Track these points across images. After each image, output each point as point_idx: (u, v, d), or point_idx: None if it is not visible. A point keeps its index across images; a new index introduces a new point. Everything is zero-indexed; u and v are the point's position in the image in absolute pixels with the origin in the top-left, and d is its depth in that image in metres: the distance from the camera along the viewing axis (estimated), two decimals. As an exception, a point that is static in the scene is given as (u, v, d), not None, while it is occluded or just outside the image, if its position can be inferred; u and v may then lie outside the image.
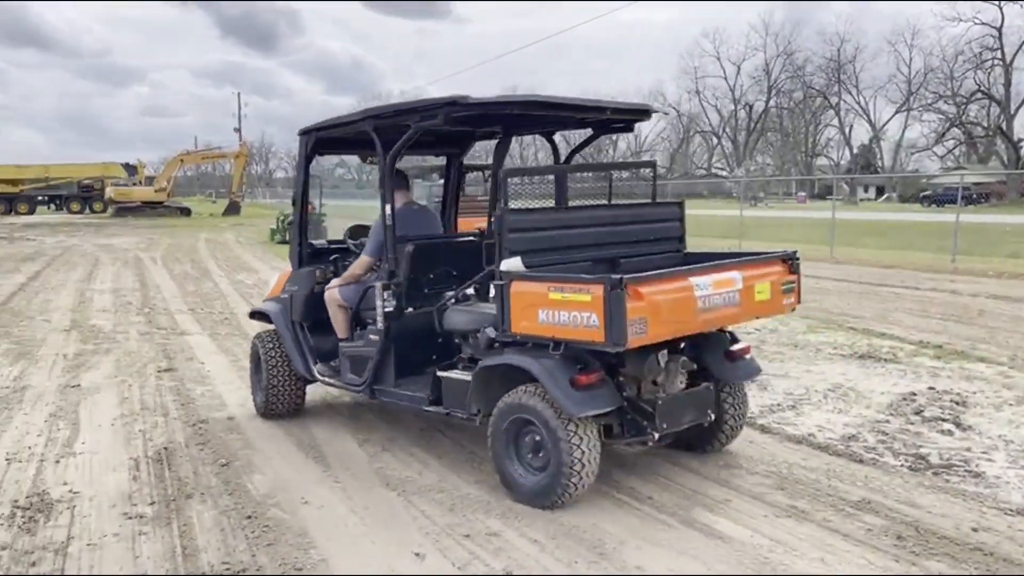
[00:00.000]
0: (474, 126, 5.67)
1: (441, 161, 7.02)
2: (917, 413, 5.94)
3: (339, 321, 5.55)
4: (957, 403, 6.18)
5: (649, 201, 5.28)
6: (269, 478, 4.82)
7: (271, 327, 6.03)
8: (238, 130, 67.14)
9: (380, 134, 4.99)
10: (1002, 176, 53.31)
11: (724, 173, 78.65)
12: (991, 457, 5.03)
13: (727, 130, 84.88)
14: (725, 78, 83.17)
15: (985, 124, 62.49)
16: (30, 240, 27.22)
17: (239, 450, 5.33)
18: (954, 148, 67.07)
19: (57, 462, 5.12)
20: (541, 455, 4.29)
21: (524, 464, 4.39)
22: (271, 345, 5.90)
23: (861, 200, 65.52)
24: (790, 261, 4.81)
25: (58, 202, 51.70)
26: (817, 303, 11.56)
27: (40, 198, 51.57)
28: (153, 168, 61.85)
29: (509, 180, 4.59)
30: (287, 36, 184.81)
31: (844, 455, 5.09)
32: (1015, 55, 58.02)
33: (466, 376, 4.65)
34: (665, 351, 4.45)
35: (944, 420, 5.76)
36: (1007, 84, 58.89)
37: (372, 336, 5.18)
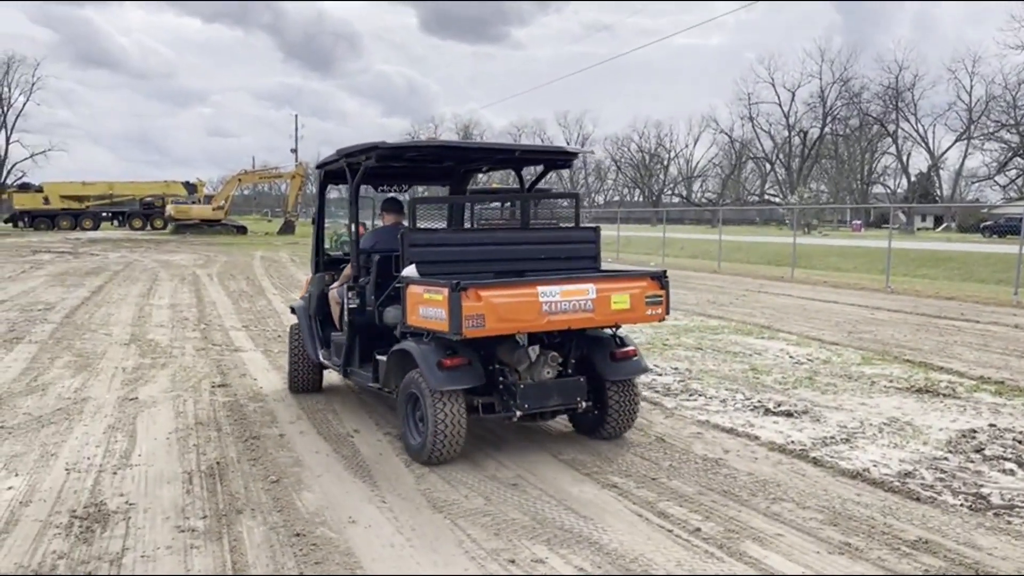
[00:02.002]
0: (430, 162, 6.83)
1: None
2: (977, 451, 5.76)
3: (336, 316, 6.75)
4: (1020, 442, 5.97)
5: (566, 226, 6.16)
6: (318, 496, 4.87)
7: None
8: (295, 151, 68.65)
9: (352, 169, 6.16)
10: (1068, 207, 51.58)
11: (777, 200, 77.59)
12: (1056, 499, 4.84)
13: (780, 156, 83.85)
14: (779, 104, 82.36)
15: (1049, 153, 60.70)
16: (94, 255, 28.09)
17: (289, 467, 5.41)
18: (1016, 178, 65.22)
19: (114, 473, 5.25)
20: (424, 422, 5.30)
21: (416, 429, 5.47)
22: (295, 335, 7.29)
23: (919, 229, 64.02)
24: (658, 279, 5.61)
25: (121, 218, 53.33)
26: (872, 334, 11.32)
27: (104, 214, 53.31)
28: (212, 187, 63.53)
29: (418, 206, 5.89)
30: (345, 59, 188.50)
31: (900, 492, 4.96)
32: (1082, 83, 56.36)
33: (385, 358, 5.77)
34: (536, 346, 5.45)
35: (1006, 459, 5.57)
36: (1074, 112, 57.18)
37: (344, 327, 6.35)
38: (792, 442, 6.00)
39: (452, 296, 4.83)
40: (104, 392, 7.52)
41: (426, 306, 5.13)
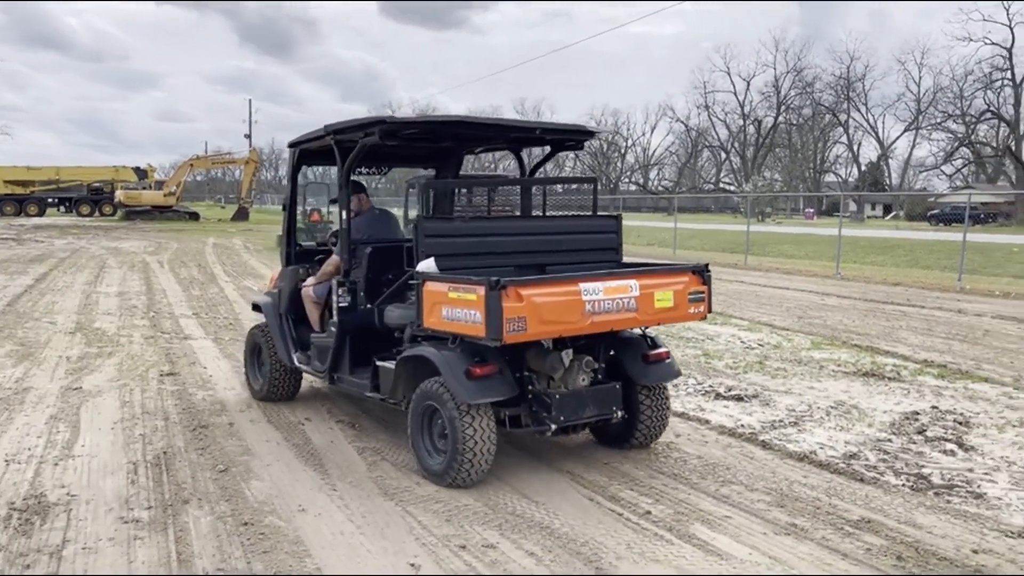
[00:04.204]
0: (427, 141, 5.98)
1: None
2: (920, 432, 5.90)
3: (312, 315, 6.15)
4: (960, 423, 6.14)
5: (585, 214, 5.59)
6: (267, 485, 4.81)
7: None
8: (248, 136, 67.48)
9: (341, 147, 5.46)
10: (1010, 196, 53.11)
11: (732, 188, 78.57)
12: (993, 478, 4.99)
13: (736, 145, 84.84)
14: (735, 93, 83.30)
15: (994, 144, 62.35)
16: (39, 242, 27.33)
17: (238, 456, 5.32)
18: (962, 167, 66.89)
19: (56, 465, 5.12)
20: (446, 439, 4.67)
21: (433, 446, 4.84)
22: (263, 335, 6.51)
23: (868, 217, 65.36)
24: (700, 273, 5.11)
25: (68, 204, 51.91)
26: (822, 320, 11.53)
27: (50, 200, 51.83)
28: (164, 172, 62.22)
29: (433, 190, 5.22)
30: (303, 43, 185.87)
31: (845, 473, 5.06)
32: (1025, 75, 57.90)
33: (392, 365, 5.14)
34: (570, 350, 4.83)
35: (947, 440, 5.72)
36: (1016, 104, 58.77)
37: (332, 328, 5.67)
38: (742, 426, 6.08)
39: (491, 296, 4.20)
40: (47, 382, 7.32)
41: (452, 307, 4.49)
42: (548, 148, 6.25)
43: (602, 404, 4.99)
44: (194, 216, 46.96)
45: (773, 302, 13.61)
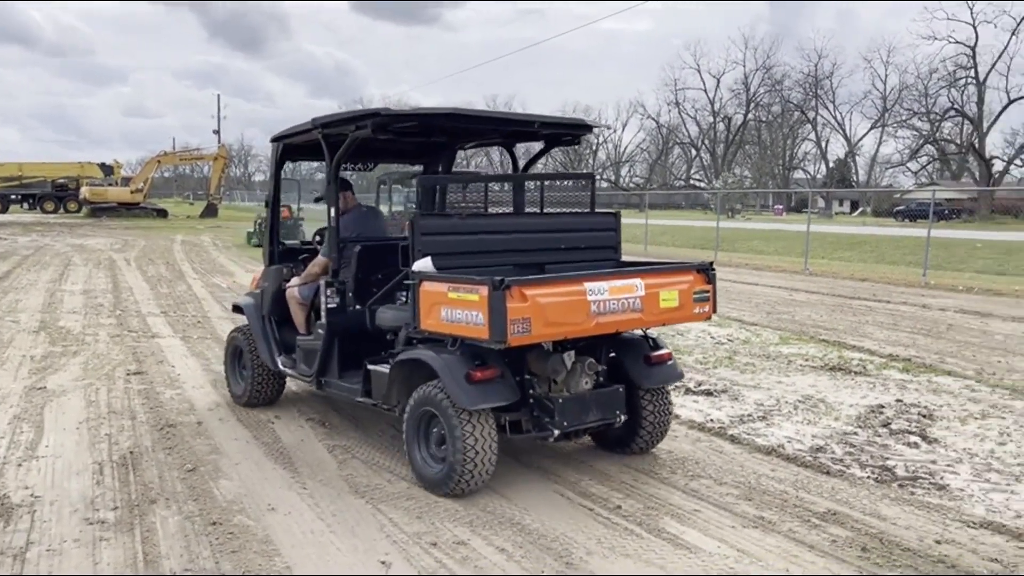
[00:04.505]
0: (419, 136, 5.68)
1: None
2: (885, 425, 6.00)
3: (298, 317, 5.93)
4: (924, 416, 6.25)
5: (583, 211, 5.44)
6: (236, 484, 4.76)
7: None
8: (217, 132, 66.71)
9: (329, 141, 5.24)
10: (973, 193, 54.08)
11: (702, 184, 79.15)
12: (955, 470, 5.09)
13: (706, 142, 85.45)
14: (705, 90, 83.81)
15: (958, 141, 63.36)
16: (1, 239, 26.80)
17: (206, 455, 5.27)
18: (927, 164, 67.90)
19: (19, 466, 5.03)
20: (444, 447, 4.50)
21: (430, 454, 4.66)
22: (246, 337, 6.26)
23: (836, 214, 66.19)
24: (705, 271, 4.95)
25: (32, 201, 50.89)
26: (790, 315, 11.66)
27: (13, 197, 50.76)
28: (131, 169, 61.28)
29: (428, 187, 4.97)
30: (274, 39, 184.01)
31: (812, 466, 5.13)
32: (988, 74, 58.98)
33: (386, 369, 4.93)
34: (572, 352, 4.66)
35: (911, 433, 5.82)
36: (979, 102, 59.80)
37: (320, 331, 5.44)
38: (711, 420, 6.14)
39: (494, 296, 4.03)
40: (10, 382, 7.19)
41: (452, 308, 4.29)
42: (542, 144, 5.98)
43: (605, 408, 4.83)
44: (162, 213, 46.32)
45: (743, 298, 13.75)
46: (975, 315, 11.79)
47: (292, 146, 5.96)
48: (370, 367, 5.10)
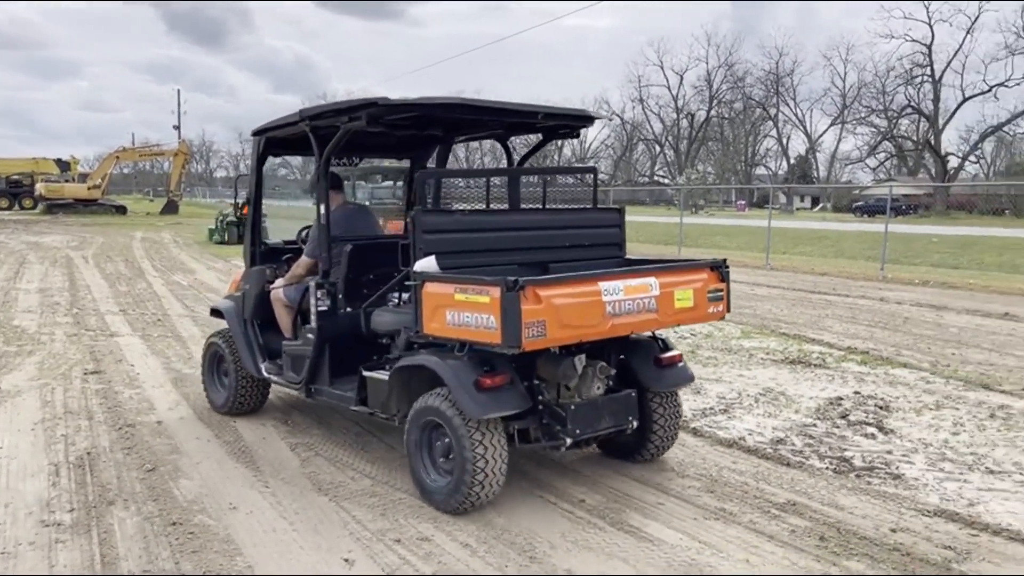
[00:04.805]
0: (412, 128, 5.51)
1: (386, 163, 7.11)
2: (843, 417, 6.11)
3: (283, 320, 5.61)
4: (880, 407, 6.37)
5: (587, 207, 5.27)
6: (196, 483, 4.71)
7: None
8: (177, 127, 65.72)
9: (318, 135, 5.00)
10: (929, 189, 55.23)
11: (666, 180, 79.79)
12: (911, 460, 5.20)
13: (670, 139, 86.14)
14: (668, 87, 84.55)
15: (914, 138, 64.66)
16: (-47, 237, 26.13)
17: (166, 455, 5.20)
18: (885, 161, 69.24)
19: (-28, 468, 4.92)
20: (450, 458, 4.25)
21: (435, 467, 4.39)
22: (227, 342, 5.96)
23: (797, 209, 67.13)
24: (718, 269, 4.77)
25: (-15, 198, 49.69)
26: (752, 309, 11.81)
27: (-35, 193, 49.52)
28: (88, 164, 60.10)
29: (430, 182, 4.66)
30: (235, 33, 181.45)
31: (772, 458, 5.20)
32: (943, 72, 60.31)
33: (385, 376, 4.67)
34: (583, 355, 4.42)
35: (868, 424, 5.93)
36: (935, 100, 61.07)
37: (309, 335, 5.15)
38: (674, 414, 6.19)
39: (507, 298, 3.77)
40: (-38, 382, 7.02)
41: (459, 310, 4.01)
42: (533, 139, 5.78)
43: (617, 414, 4.60)
44: (121, 210, 45.49)
45: (705, 292, 13.87)
46: (930, 308, 12.05)
47: (276, 140, 5.71)
48: (366, 374, 4.82)
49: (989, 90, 57.75)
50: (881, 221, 23.75)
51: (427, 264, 4.28)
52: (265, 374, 5.65)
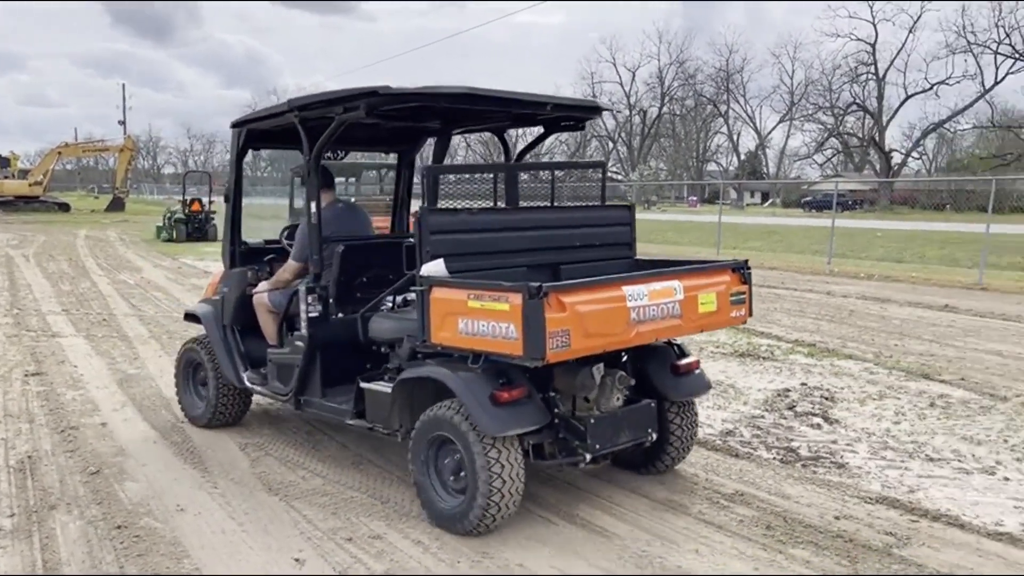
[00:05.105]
0: (407, 120, 5.19)
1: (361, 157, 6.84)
2: (790, 408, 6.23)
3: (268, 327, 5.26)
4: (826, 398, 6.52)
5: (596, 204, 5.03)
6: (143, 486, 4.62)
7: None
8: (123, 122, 64.21)
9: (307, 127, 4.67)
10: (874, 184, 56.61)
11: (619, 177, 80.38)
12: (854, 449, 5.33)
13: (623, 135, 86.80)
14: (621, 84, 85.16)
15: (860, 135, 66.14)
16: None
17: (111, 457, 5.09)
18: (832, 157, 70.64)
19: (-95, 474, 4.76)
20: (462, 476, 3.96)
21: (444, 486, 4.07)
22: (204, 348, 5.57)
23: (748, 205, 68.24)
24: (740, 270, 4.52)
25: (-81, 195, 47.94)
26: (703, 304, 11.97)
27: (-102, 191, 47.72)
28: (30, 160, 58.38)
29: (439, 178, 4.28)
30: (183, 28, 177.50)
31: (721, 449, 5.29)
32: (887, 70, 61.76)
33: (386, 388, 4.33)
34: (601, 365, 4.13)
35: (814, 415, 6.07)
36: (880, 97, 62.53)
37: (298, 343, 4.81)
38: (626, 408, 6.25)
39: (530, 305, 3.46)
40: None
41: (474, 319, 3.69)
42: (541, 131, 5.45)
43: (637, 427, 4.32)
44: (64, 207, 44.33)
45: (658, 287, 14.02)
46: (875, 301, 12.36)
47: (257, 132, 5.30)
48: (365, 385, 4.48)
49: (931, 88, 59.33)
50: (828, 216, 24.28)
51: (435, 268, 3.94)
52: (247, 384, 5.27)
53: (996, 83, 54.09)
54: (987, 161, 52.69)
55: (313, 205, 4.68)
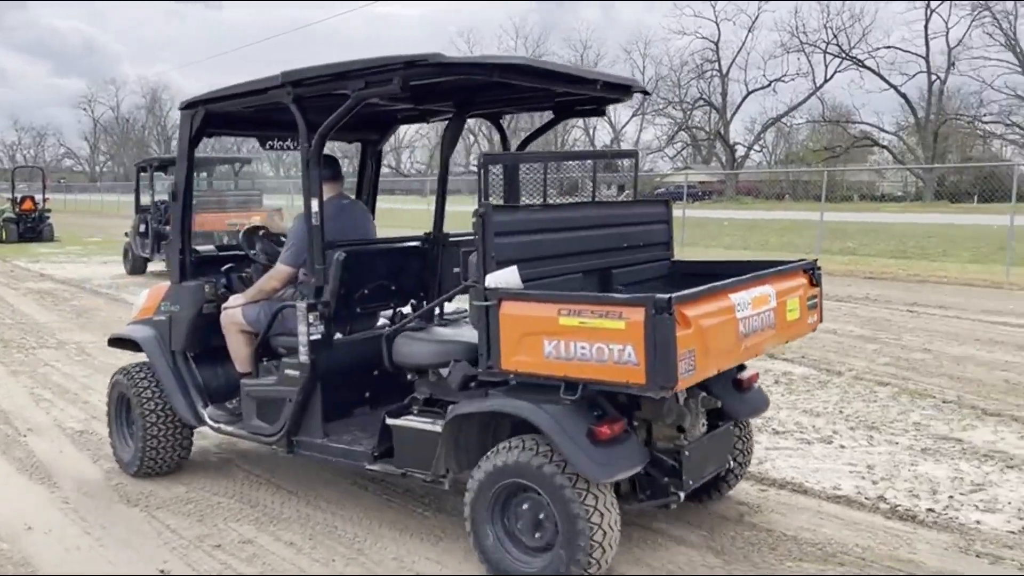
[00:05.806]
0: (425, 101, 4.43)
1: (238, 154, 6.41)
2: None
3: (240, 351, 4.35)
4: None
5: (634, 199, 4.62)
6: (-17, 506, 4.30)
7: (141, 358, 4.73)
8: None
9: (303, 106, 3.87)
10: (721, 176, 59.83)
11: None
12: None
13: (483, 128, 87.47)
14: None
15: (707, 129, 69.58)
16: None
17: (-56, 478, 4.70)
18: (682, 150, 73.98)
19: None
20: (544, 530, 3.32)
21: (519, 544, 3.39)
22: (145, 382, 4.58)
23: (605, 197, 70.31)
24: (811, 272, 4.04)
25: None
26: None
27: None
28: None
29: (491, 168, 3.63)
30: (4, 10, 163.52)
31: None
32: (729, 67, 65.25)
33: (430, 425, 3.62)
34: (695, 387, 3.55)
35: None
36: (724, 93, 66.01)
37: (290, 372, 3.99)
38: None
39: (658, 322, 2.85)
40: None
41: (570, 339, 3.04)
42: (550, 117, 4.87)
43: (719, 455, 3.86)
44: None
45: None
46: (724, 287, 13.07)
47: (218, 115, 4.38)
48: (393, 422, 3.72)
49: (769, 85, 63.01)
50: (679, 207, 25.41)
51: (507, 277, 3.27)
52: (210, 423, 4.41)
53: (826, 80, 58.10)
54: (819, 153, 56.72)
55: (315, 202, 3.86)
